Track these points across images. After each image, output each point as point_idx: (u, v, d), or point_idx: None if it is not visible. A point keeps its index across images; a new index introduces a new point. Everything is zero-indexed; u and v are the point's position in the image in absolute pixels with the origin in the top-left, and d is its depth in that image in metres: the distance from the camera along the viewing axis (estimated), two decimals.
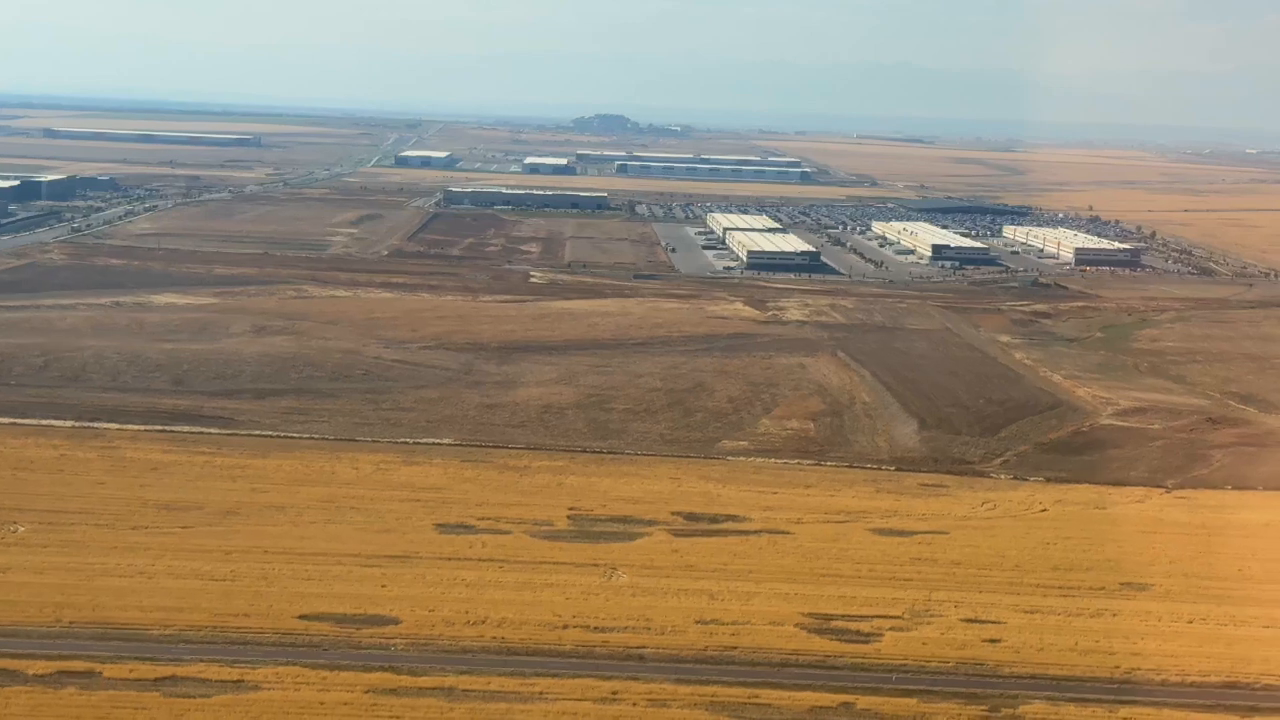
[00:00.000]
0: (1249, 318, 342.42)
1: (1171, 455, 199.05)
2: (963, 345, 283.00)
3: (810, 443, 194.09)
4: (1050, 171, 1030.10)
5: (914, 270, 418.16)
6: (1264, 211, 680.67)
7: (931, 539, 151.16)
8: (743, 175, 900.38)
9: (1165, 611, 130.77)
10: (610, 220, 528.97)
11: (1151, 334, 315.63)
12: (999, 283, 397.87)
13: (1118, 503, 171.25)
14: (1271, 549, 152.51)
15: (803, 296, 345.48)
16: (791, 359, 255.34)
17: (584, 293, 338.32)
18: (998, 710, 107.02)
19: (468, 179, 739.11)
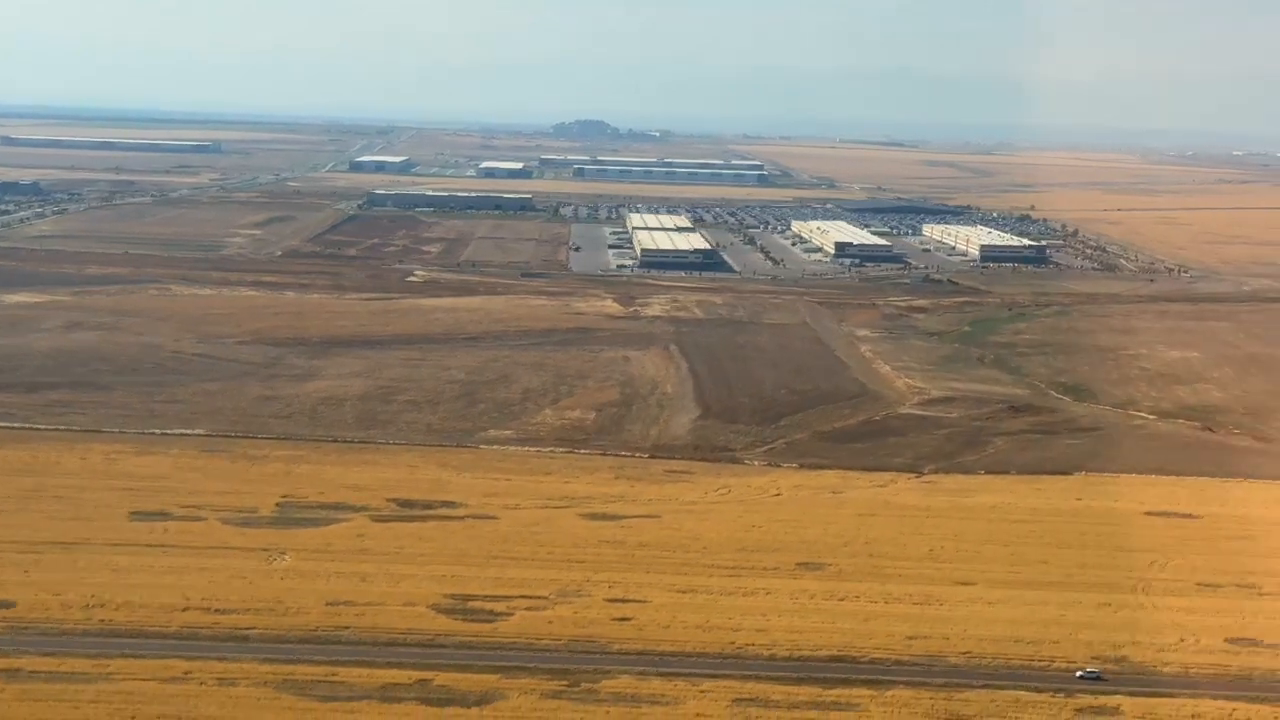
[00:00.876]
0: (1126, 311, 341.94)
1: (951, 442, 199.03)
2: (809, 339, 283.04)
3: (580, 431, 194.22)
4: (1020, 173, 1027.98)
5: (812, 267, 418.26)
6: (1203, 210, 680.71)
7: (637, 523, 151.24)
8: (699, 178, 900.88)
9: (821, 590, 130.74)
10: (529, 221, 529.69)
11: (1018, 327, 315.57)
12: (891, 279, 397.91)
13: (859, 487, 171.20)
14: (978, 530, 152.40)
15: (678, 293, 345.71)
16: (620, 352, 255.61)
17: (456, 291, 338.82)
18: (578, 685, 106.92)
19: (413, 182, 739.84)
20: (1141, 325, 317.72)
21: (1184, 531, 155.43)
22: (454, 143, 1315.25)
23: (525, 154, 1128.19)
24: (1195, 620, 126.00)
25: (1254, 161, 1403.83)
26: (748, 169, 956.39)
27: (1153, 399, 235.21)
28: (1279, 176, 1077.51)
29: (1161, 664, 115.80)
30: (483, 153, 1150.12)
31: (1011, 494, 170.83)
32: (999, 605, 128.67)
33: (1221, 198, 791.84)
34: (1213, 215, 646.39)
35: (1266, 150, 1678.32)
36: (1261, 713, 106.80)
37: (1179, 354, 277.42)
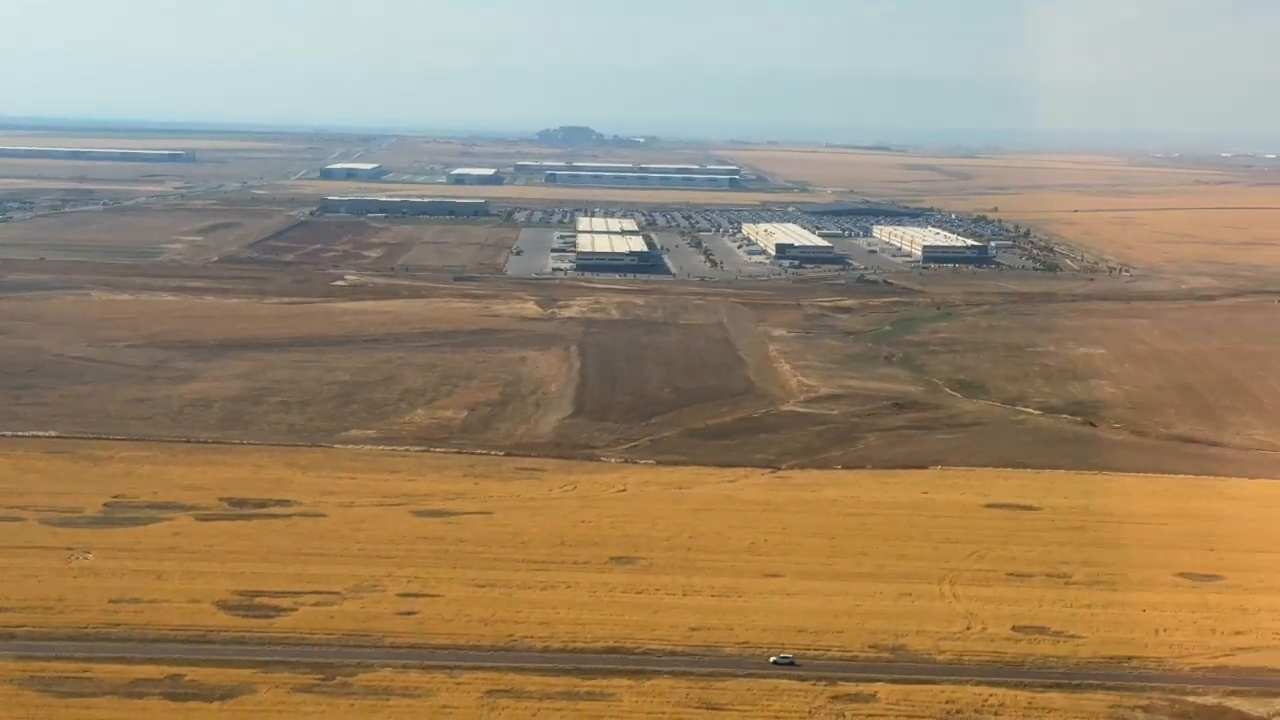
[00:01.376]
0: (1052, 310, 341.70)
1: (822, 438, 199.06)
2: (716, 339, 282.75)
3: (445, 431, 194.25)
4: (999, 177, 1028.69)
5: (751, 269, 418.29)
6: (1167, 211, 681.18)
7: (466, 519, 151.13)
8: (672, 183, 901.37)
9: (624, 583, 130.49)
10: (481, 226, 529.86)
11: (938, 327, 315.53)
12: (826, 280, 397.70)
13: (708, 483, 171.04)
14: (809, 523, 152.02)
15: (603, 295, 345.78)
16: (519, 353, 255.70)
17: (379, 294, 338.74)
18: (333, 679, 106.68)
19: (373, 189, 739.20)
20: (1062, 323, 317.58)
21: (1017, 523, 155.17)
22: (435, 150, 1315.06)
23: (504, 160, 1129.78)
24: (990, 609, 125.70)
25: (1239, 163, 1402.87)
26: (721, 174, 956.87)
27: (1043, 395, 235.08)
28: (1258, 177, 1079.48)
29: (937, 652, 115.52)
30: (462, 159, 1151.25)
31: (859, 488, 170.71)
32: (798, 596, 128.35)
33: (1192, 198, 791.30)
34: (1174, 215, 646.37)
35: (1255, 151, 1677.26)
36: (1018, 698, 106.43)
37: (1086, 351, 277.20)
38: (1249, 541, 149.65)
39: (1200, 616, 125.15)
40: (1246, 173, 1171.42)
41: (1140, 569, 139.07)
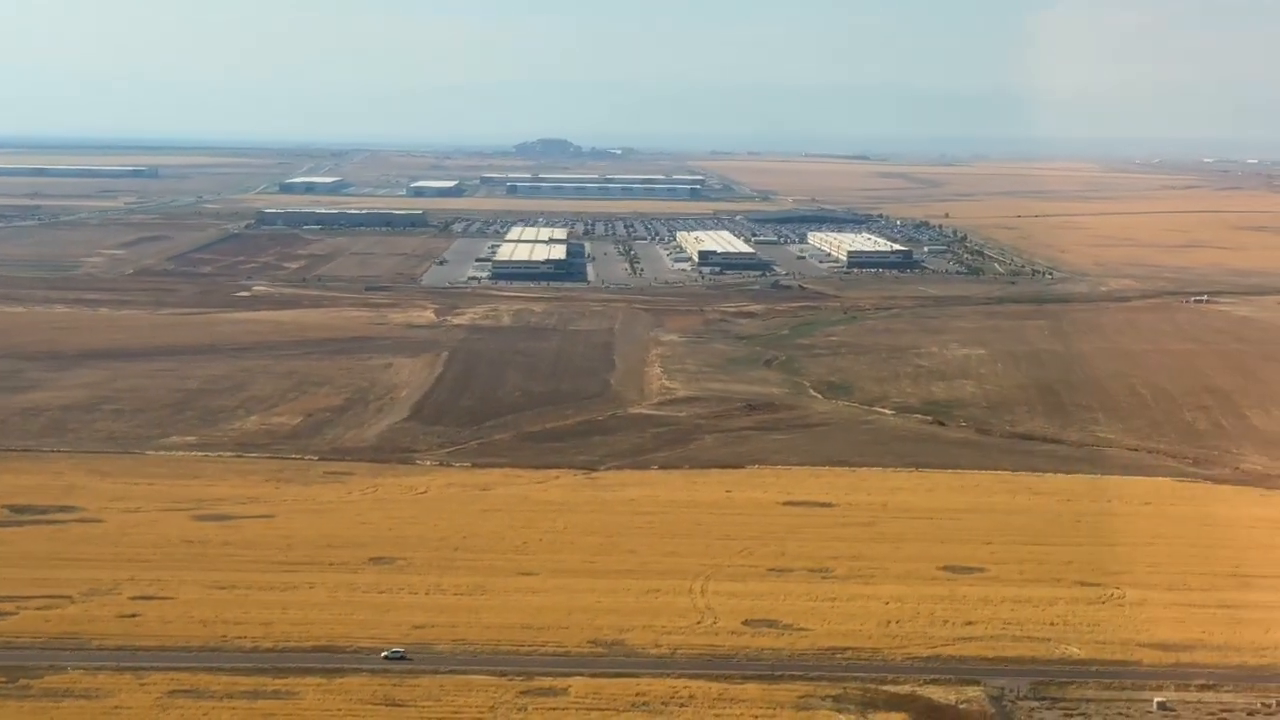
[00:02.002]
0: (956, 313, 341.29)
1: (656, 440, 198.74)
2: (598, 345, 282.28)
3: (270, 436, 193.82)
4: (968, 184, 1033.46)
5: (671, 276, 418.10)
6: (1117, 215, 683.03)
7: (245, 523, 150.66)
8: (634, 193, 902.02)
9: (370, 583, 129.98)
10: (414, 237, 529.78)
11: (835, 330, 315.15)
12: (741, 285, 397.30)
13: (515, 484, 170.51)
14: (593, 522, 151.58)
15: (506, 303, 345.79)
16: (387, 359, 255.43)
17: (278, 305, 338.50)
18: (15, 681, 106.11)
19: (335, 202, 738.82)
20: (959, 325, 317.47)
21: (805, 520, 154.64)
22: (406, 164, 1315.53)
23: (473, 173, 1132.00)
24: (732, 603, 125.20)
25: (1217, 169, 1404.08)
26: (683, 184, 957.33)
27: (905, 395, 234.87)
28: (1229, 181, 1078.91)
29: (653, 646, 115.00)
30: (430, 173, 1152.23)
31: (663, 488, 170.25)
32: (543, 594, 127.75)
33: (1149, 203, 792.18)
34: (1120, 220, 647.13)
35: (1238, 157, 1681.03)
36: (710, 689, 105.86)
37: (965, 351, 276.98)
38: (1028, 535, 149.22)
39: (939, 608, 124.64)
40: (1221, 178, 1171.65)
41: (907, 562, 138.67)
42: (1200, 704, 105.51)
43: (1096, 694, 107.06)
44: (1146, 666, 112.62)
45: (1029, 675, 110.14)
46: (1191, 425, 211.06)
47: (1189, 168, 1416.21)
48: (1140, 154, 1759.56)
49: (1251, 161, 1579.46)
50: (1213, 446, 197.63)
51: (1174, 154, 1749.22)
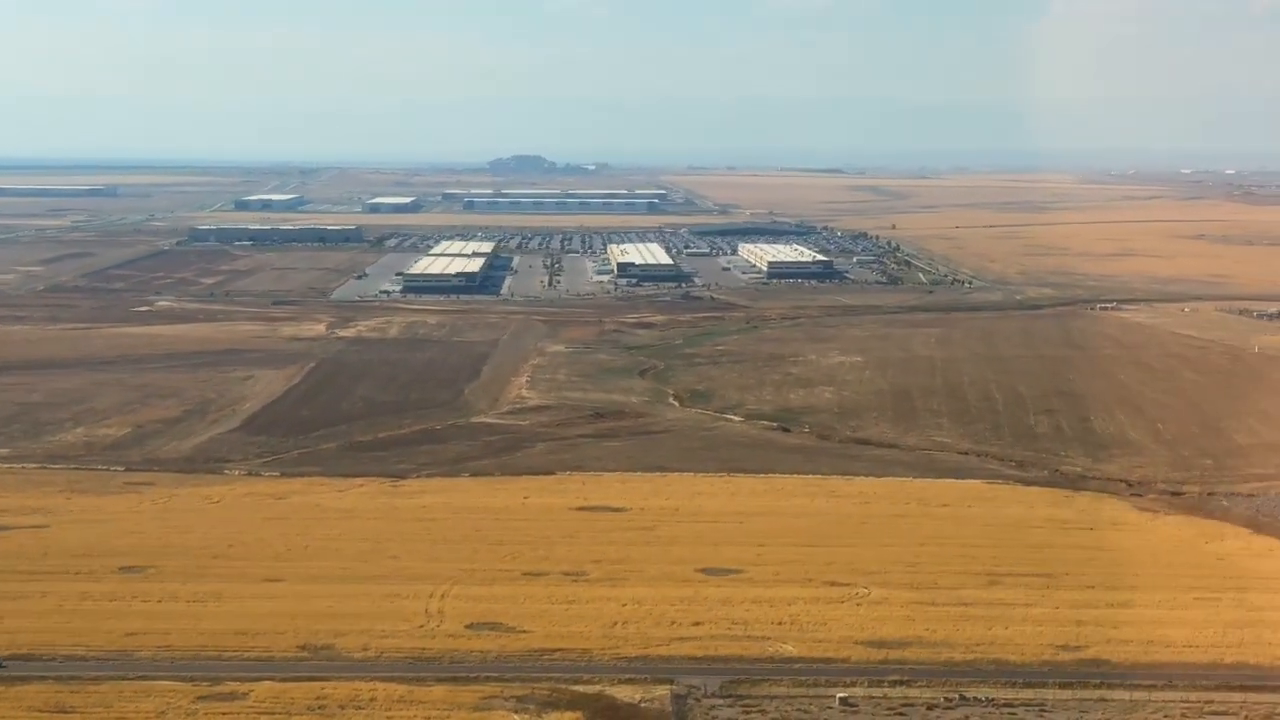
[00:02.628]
0: (857, 322, 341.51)
1: (486, 449, 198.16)
2: (472, 355, 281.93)
3: (91, 448, 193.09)
4: (934, 196, 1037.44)
5: (587, 288, 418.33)
6: (1060, 225, 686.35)
7: (12, 534, 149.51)
8: (591, 208, 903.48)
9: (104, 591, 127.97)
10: (344, 252, 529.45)
11: (728, 340, 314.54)
12: (653, 297, 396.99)
13: (313, 493, 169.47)
14: (370, 529, 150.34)
15: (401, 315, 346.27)
16: (251, 371, 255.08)
17: (174, 319, 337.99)
18: None
19: (283, 219, 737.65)
20: (849, 333, 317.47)
21: (589, 524, 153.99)
22: (374, 180, 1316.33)
23: (437, 189, 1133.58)
24: (466, 607, 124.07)
25: (1190, 179, 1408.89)
26: (642, 199, 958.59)
27: (761, 402, 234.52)
28: (1195, 191, 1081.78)
29: (361, 649, 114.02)
30: (396, 189, 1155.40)
31: (462, 494, 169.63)
32: (277, 600, 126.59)
33: (1105, 212, 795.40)
34: (1065, 229, 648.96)
35: (1218, 168, 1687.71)
36: (394, 691, 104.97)
37: (842, 359, 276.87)
38: (806, 537, 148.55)
39: (674, 609, 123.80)
40: (1189, 188, 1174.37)
41: (668, 565, 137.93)
42: (885, 699, 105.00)
43: (786, 691, 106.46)
44: (853, 663, 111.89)
45: (730, 674, 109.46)
46: (1032, 429, 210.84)
47: (1163, 178, 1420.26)
48: (1125, 165, 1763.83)
49: (1229, 172, 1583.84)
50: (1044, 449, 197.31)
51: (1155, 165, 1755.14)
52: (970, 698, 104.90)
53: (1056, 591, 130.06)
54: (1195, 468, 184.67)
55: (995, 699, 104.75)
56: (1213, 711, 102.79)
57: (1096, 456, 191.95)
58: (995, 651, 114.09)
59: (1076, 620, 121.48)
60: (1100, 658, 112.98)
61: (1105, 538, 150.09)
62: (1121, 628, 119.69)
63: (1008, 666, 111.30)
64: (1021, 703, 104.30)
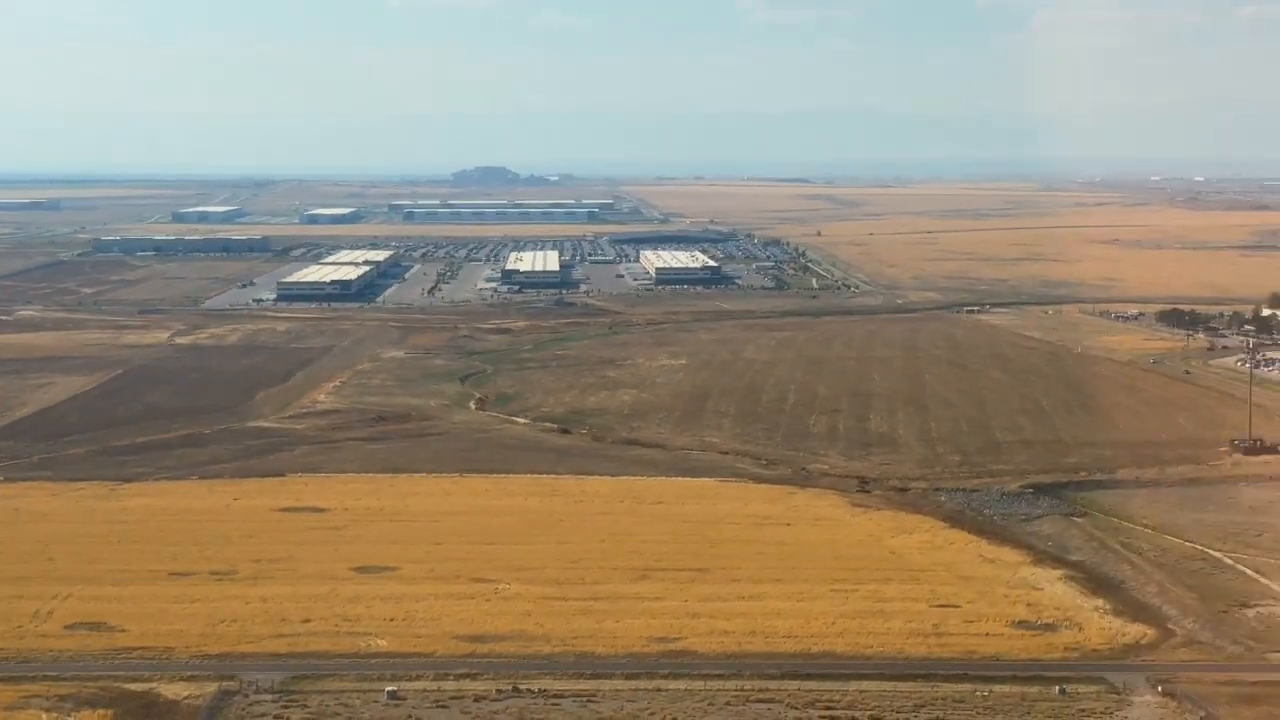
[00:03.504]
0: (720, 326, 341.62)
1: (246, 451, 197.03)
2: (295, 361, 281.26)
3: None
4: (886, 204, 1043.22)
5: (465, 295, 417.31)
6: (983, 231, 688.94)
7: None
8: (531, 218, 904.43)
9: None
10: (242, 262, 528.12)
11: (571, 345, 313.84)
12: (527, 303, 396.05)
13: (29, 497, 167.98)
14: (57, 531, 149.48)
15: (253, 323, 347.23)
16: (52, 379, 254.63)
17: (22, 328, 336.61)
18: None
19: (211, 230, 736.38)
20: (697, 338, 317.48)
21: (278, 525, 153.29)
22: (329, 192, 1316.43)
23: (386, 201, 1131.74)
24: (75, 606, 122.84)
25: (1156, 186, 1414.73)
26: (583, 209, 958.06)
27: (559, 405, 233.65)
28: (1145, 198, 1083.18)
29: None
30: (350, 201, 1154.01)
31: (177, 496, 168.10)
32: None
33: (1039, 219, 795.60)
34: (982, 235, 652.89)
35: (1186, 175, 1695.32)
36: None
37: (667, 362, 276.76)
38: (491, 535, 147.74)
39: (294, 606, 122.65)
40: (1140, 194, 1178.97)
41: (324, 564, 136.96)
42: (439, 691, 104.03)
43: (341, 686, 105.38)
44: (438, 657, 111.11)
45: (304, 670, 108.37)
46: (808, 429, 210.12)
47: (1132, 185, 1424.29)
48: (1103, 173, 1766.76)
49: (1198, 179, 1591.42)
50: (806, 449, 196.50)
51: (1126, 173, 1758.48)
52: (524, 690, 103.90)
53: (699, 585, 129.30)
54: (941, 464, 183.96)
55: (548, 690, 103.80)
56: (759, 699, 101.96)
57: (852, 455, 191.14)
58: (587, 644, 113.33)
59: (692, 613, 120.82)
60: (690, 649, 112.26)
61: (793, 533, 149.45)
62: (734, 619, 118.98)
63: (589, 658, 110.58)
64: (574, 693, 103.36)
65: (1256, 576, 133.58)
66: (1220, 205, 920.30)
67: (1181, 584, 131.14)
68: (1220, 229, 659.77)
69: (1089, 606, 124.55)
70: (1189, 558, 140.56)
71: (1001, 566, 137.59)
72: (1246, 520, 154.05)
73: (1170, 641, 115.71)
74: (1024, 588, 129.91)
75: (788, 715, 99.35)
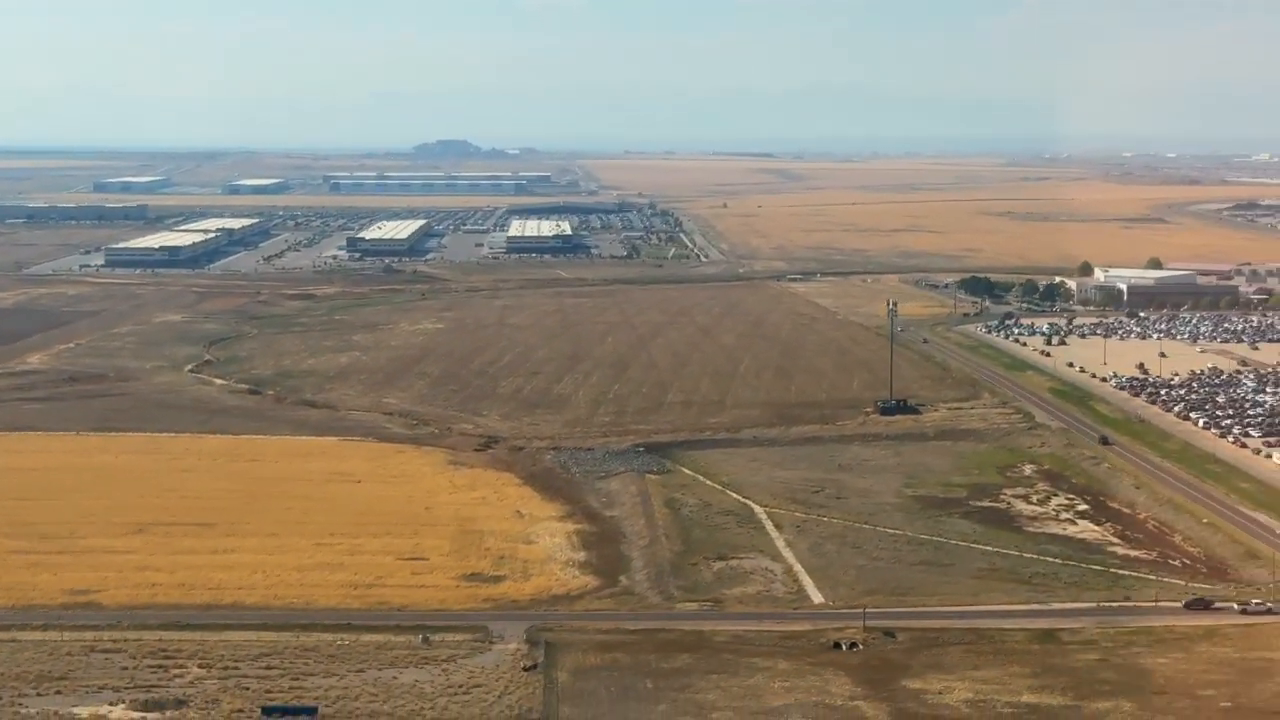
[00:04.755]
0: (528, 295, 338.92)
1: None
2: (47, 322, 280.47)
3: None
4: (828, 178, 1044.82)
5: (304, 263, 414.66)
6: (889, 205, 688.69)
7: None
8: (457, 190, 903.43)
9: None
10: (110, 229, 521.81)
11: (363, 311, 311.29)
12: (358, 270, 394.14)
13: None
14: None
15: (54, 286, 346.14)
16: None
17: None
18: None
19: (119, 199, 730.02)
20: (493, 303, 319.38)
21: None
22: (274, 164, 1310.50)
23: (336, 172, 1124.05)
24: None
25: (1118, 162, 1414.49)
26: (510, 181, 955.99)
27: (274, 367, 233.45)
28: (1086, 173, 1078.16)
29: None
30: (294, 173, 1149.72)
31: None
32: None
33: (958, 193, 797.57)
34: (881, 208, 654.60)
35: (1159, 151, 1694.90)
36: None
37: (426, 326, 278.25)
38: (23, 491, 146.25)
39: None
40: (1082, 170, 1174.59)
41: None
42: None
43: None
44: None
45: None
46: (495, 390, 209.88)
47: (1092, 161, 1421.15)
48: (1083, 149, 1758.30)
49: (1170, 156, 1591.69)
50: (472, 410, 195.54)
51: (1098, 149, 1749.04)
52: None
53: (189, 539, 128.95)
54: (586, 425, 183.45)
55: None
56: (105, 649, 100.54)
57: (510, 416, 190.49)
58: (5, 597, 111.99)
59: (141, 565, 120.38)
60: (96, 601, 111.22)
61: (353, 489, 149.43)
62: (179, 572, 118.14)
63: None
64: None
65: (769, 531, 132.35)
66: (1152, 180, 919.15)
67: (682, 538, 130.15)
68: (1123, 202, 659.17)
69: (564, 560, 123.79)
70: (726, 512, 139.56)
71: (529, 521, 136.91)
72: (824, 478, 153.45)
73: (602, 592, 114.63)
74: (519, 541, 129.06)
75: (118, 662, 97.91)
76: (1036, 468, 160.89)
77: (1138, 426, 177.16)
